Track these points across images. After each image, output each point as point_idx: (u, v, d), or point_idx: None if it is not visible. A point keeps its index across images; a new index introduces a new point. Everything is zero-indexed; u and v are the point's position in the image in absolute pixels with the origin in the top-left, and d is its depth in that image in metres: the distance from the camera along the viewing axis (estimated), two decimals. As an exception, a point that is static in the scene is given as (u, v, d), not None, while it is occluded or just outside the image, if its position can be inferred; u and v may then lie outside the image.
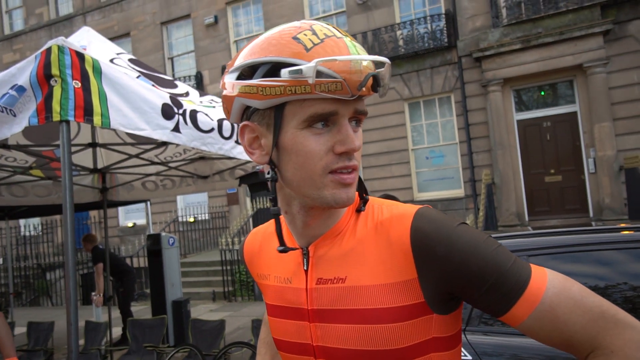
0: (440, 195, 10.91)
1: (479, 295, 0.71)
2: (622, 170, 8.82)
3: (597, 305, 0.69)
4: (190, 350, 4.51)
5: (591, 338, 0.68)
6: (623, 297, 2.37)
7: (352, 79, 0.70)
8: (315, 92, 0.69)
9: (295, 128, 0.74)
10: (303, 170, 0.75)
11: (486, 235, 0.74)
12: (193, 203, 13.70)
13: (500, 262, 0.71)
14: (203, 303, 9.43)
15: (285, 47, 0.72)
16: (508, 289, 0.70)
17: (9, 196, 5.17)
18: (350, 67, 0.70)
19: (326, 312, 0.80)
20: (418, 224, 0.74)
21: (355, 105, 0.74)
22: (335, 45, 0.71)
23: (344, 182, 0.75)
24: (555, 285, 0.70)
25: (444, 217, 0.75)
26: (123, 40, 14.54)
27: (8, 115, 2.34)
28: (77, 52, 2.30)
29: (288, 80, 0.70)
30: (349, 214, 0.84)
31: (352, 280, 0.78)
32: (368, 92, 0.73)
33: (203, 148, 2.83)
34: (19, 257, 13.29)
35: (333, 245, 0.82)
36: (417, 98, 11.13)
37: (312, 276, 0.82)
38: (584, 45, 9.06)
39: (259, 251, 0.96)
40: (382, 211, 0.81)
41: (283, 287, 0.87)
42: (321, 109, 0.72)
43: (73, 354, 2.02)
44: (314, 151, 0.74)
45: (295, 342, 0.85)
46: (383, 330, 0.74)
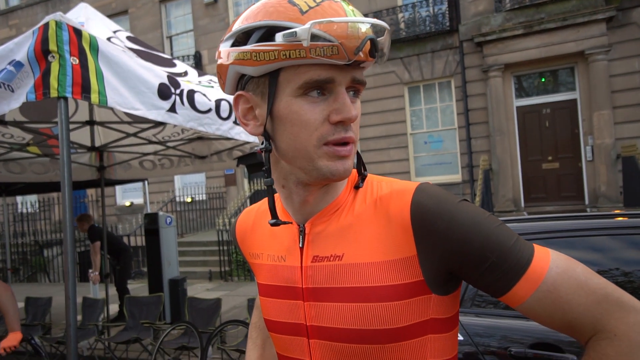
0: (438, 180, 10.93)
1: (479, 274, 0.69)
2: (619, 158, 8.84)
3: (601, 287, 0.66)
4: (187, 327, 4.57)
5: (594, 320, 0.65)
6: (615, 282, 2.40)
7: (348, 43, 0.66)
8: (310, 56, 0.67)
9: (290, 96, 0.72)
10: (297, 141, 0.72)
11: (488, 213, 0.72)
12: (190, 183, 13.70)
13: (503, 239, 0.69)
14: (200, 282, 9.51)
15: (280, 10, 0.69)
16: (510, 268, 0.68)
17: (6, 173, 5.17)
18: (347, 30, 0.66)
19: (321, 291, 0.77)
20: (419, 198, 0.72)
21: (353, 73, 0.72)
22: (332, 8, 0.69)
23: (339, 154, 0.72)
24: (559, 265, 0.68)
25: (445, 193, 0.73)
26: (121, 17, 14.34)
27: (6, 90, 2.32)
28: (74, 29, 2.28)
29: (282, 44, 0.67)
30: (347, 190, 0.81)
31: (350, 258, 0.75)
32: (366, 58, 0.69)
33: (200, 129, 2.83)
34: (16, 233, 13.32)
35: (330, 222, 0.79)
36: (417, 82, 11.07)
37: (308, 253, 0.80)
38: (586, 32, 8.98)
39: (252, 230, 0.93)
40: (381, 187, 0.79)
41: (276, 265, 0.84)
42: (317, 75, 0.69)
43: (71, 327, 2.05)
44: (309, 120, 0.71)
45: (288, 322, 0.82)
46: (380, 309, 0.72)
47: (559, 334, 2.29)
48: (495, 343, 2.37)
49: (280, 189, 0.83)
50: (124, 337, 4.86)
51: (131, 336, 4.77)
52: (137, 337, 4.71)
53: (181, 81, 2.78)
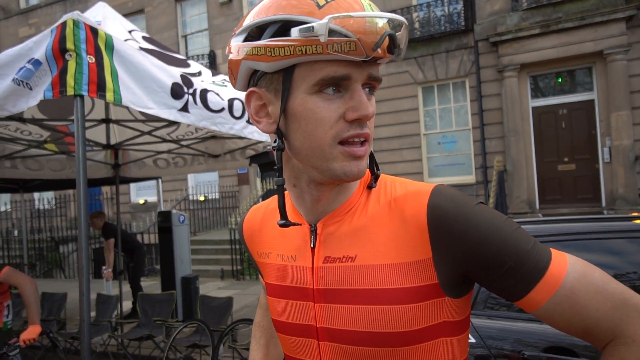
0: (451, 181, 10.84)
1: (496, 277, 0.68)
2: (637, 160, 8.69)
3: (619, 292, 0.66)
4: (198, 325, 4.60)
5: (613, 326, 0.65)
6: (632, 286, 2.35)
7: (367, 39, 0.65)
8: (327, 52, 0.65)
9: (305, 93, 0.70)
10: (312, 139, 0.71)
11: (505, 216, 0.71)
12: (204, 182, 13.80)
13: (521, 243, 0.68)
14: (212, 281, 9.57)
15: (295, 4, 0.67)
16: (527, 272, 0.67)
17: (24, 169, 5.26)
18: (365, 25, 0.65)
19: (333, 292, 0.76)
20: (436, 200, 0.71)
21: (369, 70, 0.70)
22: (349, 2, 0.66)
23: (354, 155, 0.71)
24: (577, 269, 0.67)
25: (462, 195, 0.72)
26: (137, 16, 14.50)
27: (24, 88, 2.36)
28: (91, 27, 2.31)
29: (298, 39, 0.65)
30: (360, 190, 0.80)
31: (363, 259, 0.74)
32: (384, 54, 0.67)
33: (213, 128, 2.84)
34: (33, 229, 13.56)
35: (343, 223, 0.78)
36: (431, 82, 10.99)
37: (320, 254, 0.78)
38: (605, 31, 8.83)
39: (260, 228, 0.92)
40: (395, 188, 0.77)
41: (286, 265, 0.83)
42: (333, 71, 0.67)
43: (85, 323, 2.07)
44: (325, 118, 0.69)
45: (297, 323, 0.80)
46: (393, 312, 0.71)
47: (573, 338, 2.25)
48: (508, 346, 2.34)
49: (291, 188, 0.81)
50: (136, 333, 4.91)
51: (144, 333, 4.81)
52: (149, 334, 4.76)
53: (194, 81, 2.80)
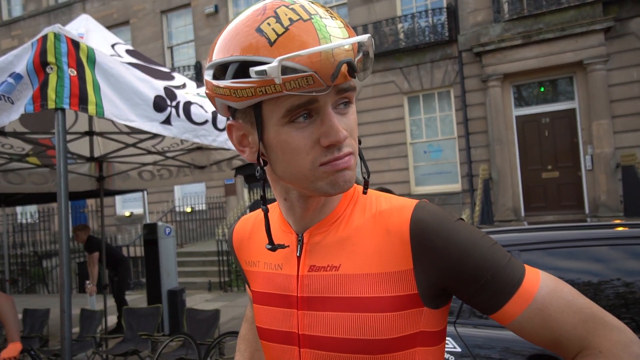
0: (438, 189, 10.92)
1: (473, 291, 0.72)
2: (619, 167, 8.84)
3: (587, 307, 0.70)
4: (185, 339, 4.53)
5: (581, 338, 0.68)
6: (615, 292, 2.38)
7: (323, 70, 0.64)
8: (285, 90, 0.64)
9: (277, 125, 0.71)
10: (292, 167, 0.72)
11: (483, 233, 0.75)
12: (190, 193, 13.70)
13: (497, 259, 0.71)
14: (199, 293, 9.47)
15: (248, 42, 0.67)
16: (502, 286, 0.70)
17: (5, 183, 5.16)
18: (320, 57, 0.63)
19: (316, 300, 0.78)
20: (419, 215, 0.74)
21: (345, 84, 0.69)
22: (301, 32, 0.65)
23: (337, 168, 0.71)
24: (548, 285, 0.71)
25: (443, 212, 0.76)
26: (122, 28, 14.45)
27: (6, 102, 2.33)
28: (72, 40, 2.29)
29: (256, 80, 0.65)
30: (345, 202, 0.82)
31: (346, 269, 0.76)
32: (345, 79, 0.66)
33: (196, 140, 2.83)
34: (15, 244, 13.29)
35: (329, 233, 0.80)
36: (417, 92, 11.11)
37: (305, 263, 0.81)
38: (584, 42, 9.03)
39: (249, 237, 0.94)
40: (380, 202, 0.80)
41: (272, 273, 0.85)
42: (297, 100, 0.67)
43: (66, 341, 2.03)
44: (299, 147, 0.70)
45: (280, 330, 0.83)
46: (373, 319, 0.73)
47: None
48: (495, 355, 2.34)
49: (282, 201, 0.83)
50: (122, 349, 4.81)
51: (129, 348, 4.72)
52: (135, 349, 4.67)
53: (178, 93, 2.79)
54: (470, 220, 9.01)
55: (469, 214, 9.34)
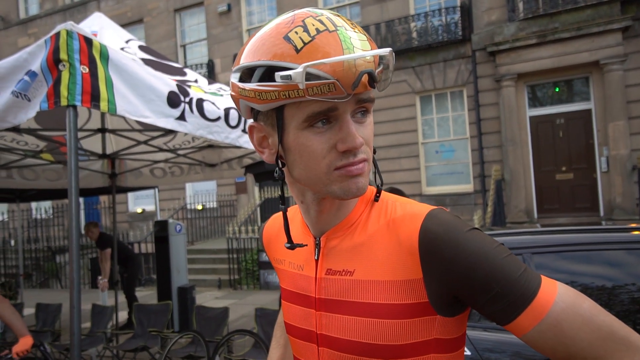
0: (449, 190, 10.84)
1: (483, 302, 0.71)
2: (635, 169, 8.69)
3: (607, 325, 0.67)
4: (194, 336, 4.55)
5: (598, 357, 0.66)
6: (630, 298, 2.34)
7: (345, 79, 0.67)
8: (308, 96, 0.68)
9: (297, 129, 0.74)
10: (308, 170, 0.76)
11: (497, 243, 0.73)
12: (202, 191, 13.77)
13: (509, 270, 0.70)
14: (209, 290, 9.51)
15: (276, 48, 0.70)
16: (515, 299, 0.69)
17: (20, 179, 5.24)
18: (343, 66, 0.67)
19: (332, 302, 0.81)
20: (428, 224, 0.74)
21: (357, 97, 0.72)
22: (326, 42, 0.68)
23: (351, 174, 0.74)
24: (565, 300, 0.69)
25: (455, 221, 0.74)
26: (136, 26, 14.57)
27: (23, 100, 2.36)
28: (85, 38, 2.30)
29: (281, 84, 0.69)
30: (361, 206, 0.84)
31: (360, 274, 0.79)
32: (365, 89, 0.70)
33: (209, 137, 2.83)
34: (29, 239, 13.49)
35: (345, 238, 0.83)
36: (429, 91, 11.03)
37: (322, 266, 0.84)
38: (601, 42, 8.88)
39: (277, 236, 0.98)
40: (395, 209, 0.81)
41: (295, 273, 0.90)
42: (318, 107, 0.71)
43: (75, 336, 2.04)
44: (317, 151, 0.73)
45: (302, 328, 0.87)
46: (384, 325, 0.75)
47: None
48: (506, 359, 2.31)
49: (299, 204, 0.87)
50: (132, 345, 4.85)
51: (139, 344, 4.76)
52: (144, 345, 4.71)
53: (191, 90, 2.80)
54: (482, 221, 8.92)
55: (481, 215, 9.25)
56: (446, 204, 10.60)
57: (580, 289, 2.42)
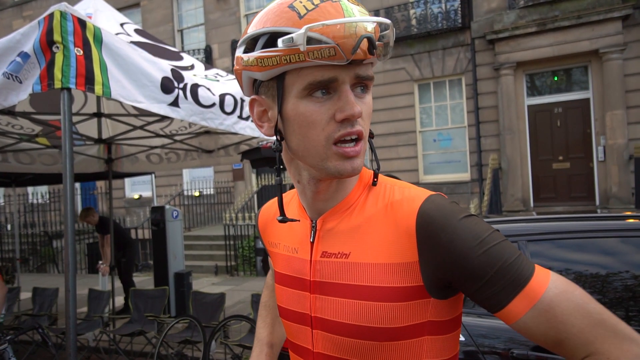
0: (446, 178, 10.85)
1: (477, 288, 0.71)
2: (632, 159, 8.71)
3: (597, 312, 0.68)
4: (190, 321, 4.58)
5: (588, 342, 0.67)
6: (624, 285, 2.35)
7: (345, 43, 0.68)
8: (308, 60, 0.68)
9: (296, 97, 0.74)
10: (307, 141, 0.75)
11: (492, 229, 0.73)
12: (199, 177, 13.75)
13: (502, 256, 0.70)
14: (205, 276, 9.55)
15: (280, 16, 0.71)
16: (507, 284, 0.69)
17: (16, 163, 5.21)
18: (343, 31, 0.68)
19: (327, 285, 0.81)
20: (426, 208, 0.74)
21: (356, 70, 0.73)
22: (329, 9, 0.69)
23: (347, 155, 0.74)
24: (558, 286, 0.69)
25: (453, 206, 0.75)
26: (133, 10, 14.39)
27: (14, 82, 2.33)
28: (79, 19, 2.27)
29: (283, 49, 0.69)
30: (359, 189, 0.84)
31: (356, 257, 0.78)
32: (365, 56, 0.70)
33: (203, 123, 2.81)
34: (26, 224, 13.47)
35: (341, 220, 0.82)
36: (428, 79, 10.98)
37: (318, 249, 0.84)
38: (601, 30, 8.83)
39: (273, 220, 0.98)
40: (394, 192, 0.81)
41: (290, 256, 0.89)
42: (319, 75, 0.71)
43: (70, 320, 2.05)
44: (316, 120, 0.73)
45: (296, 311, 0.87)
46: (379, 308, 0.74)
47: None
48: (499, 344, 2.33)
49: (296, 184, 0.87)
50: (128, 329, 4.88)
51: (136, 329, 4.79)
52: (141, 330, 4.73)
53: (185, 75, 2.77)
54: (479, 209, 8.95)
55: (477, 204, 9.28)
56: (443, 192, 10.53)
57: (575, 276, 2.43)
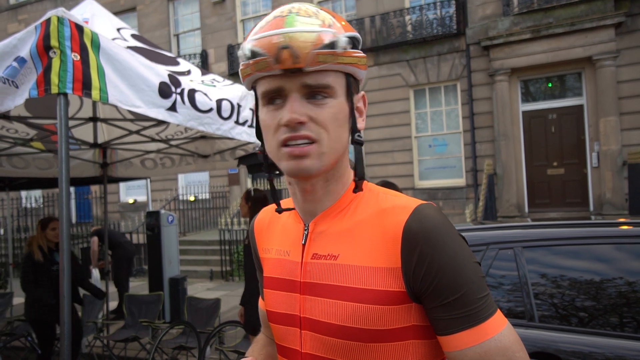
0: (441, 183, 10.89)
1: (435, 305, 0.74)
2: (625, 165, 8.77)
3: None
4: (185, 327, 4.56)
5: None
6: (618, 292, 2.37)
7: (272, 55, 0.74)
8: (253, 72, 0.77)
9: (261, 105, 0.82)
10: (268, 143, 0.82)
11: (475, 259, 0.76)
12: (194, 182, 13.71)
13: (472, 286, 0.73)
14: (200, 281, 9.51)
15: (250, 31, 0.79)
16: (465, 314, 0.71)
17: (10, 167, 5.17)
18: (269, 43, 0.73)
19: (316, 286, 0.82)
20: (415, 218, 0.76)
21: (303, 79, 0.76)
22: (271, 23, 0.75)
23: (292, 154, 0.77)
24: (502, 340, 0.72)
25: (442, 220, 0.76)
26: (129, 14, 14.38)
27: (10, 86, 2.32)
28: (76, 25, 2.27)
29: (243, 63, 0.79)
30: (350, 195, 0.86)
31: (344, 259, 0.80)
32: (292, 65, 0.73)
33: (200, 128, 2.82)
34: (19, 228, 13.37)
35: (333, 224, 0.84)
36: (423, 85, 11.03)
37: (309, 251, 0.86)
38: (594, 37, 8.92)
39: (268, 226, 1.00)
40: (386, 200, 0.83)
41: (282, 259, 0.91)
42: (268, 85, 0.78)
43: (65, 326, 2.03)
44: (270, 125, 0.80)
45: (285, 313, 0.88)
46: (365, 310, 0.76)
47: (559, 345, 2.25)
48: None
49: (288, 185, 0.90)
50: (122, 335, 4.85)
51: (130, 334, 4.76)
52: (135, 336, 4.70)
53: (183, 80, 2.77)
54: (474, 215, 8.98)
55: (473, 209, 9.31)
56: (438, 197, 10.64)
57: (569, 283, 2.45)
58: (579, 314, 2.38)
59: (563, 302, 2.43)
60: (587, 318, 2.36)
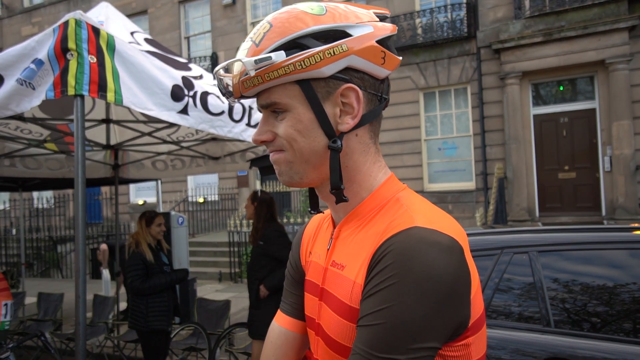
0: (451, 187, 10.83)
1: (360, 317, 0.68)
2: (638, 169, 8.67)
3: None
4: (195, 328, 4.57)
5: None
6: (632, 297, 2.34)
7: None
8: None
9: None
10: None
11: (437, 308, 0.64)
12: (203, 184, 13.78)
13: (408, 334, 0.63)
14: (209, 283, 9.54)
15: None
16: (371, 351, 0.64)
17: (23, 168, 5.23)
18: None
19: (327, 294, 0.82)
20: (394, 239, 0.68)
21: (259, 100, 0.81)
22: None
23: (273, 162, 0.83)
24: None
25: (422, 252, 0.65)
26: (140, 17, 14.52)
27: (28, 88, 2.35)
28: (93, 27, 2.29)
29: None
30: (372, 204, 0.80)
31: (347, 271, 0.78)
32: (238, 94, 0.80)
33: (212, 131, 2.83)
34: (31, 228, 13.52)
35: (353, 232, 0.81)
36: (433, 88, 11.00)
37: (330, 257, 0.85)
38: (607, 41, 8.84)
39: (316, 232, 1.00)
40: (399, 214, 0.75)
41: (316, 262, 0.92)
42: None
43: (80, 326, 2.05)
44: None
45: (309, 316, 0.89)
46: (345, 326, 0.75)
47: (574, 349, 2.23)
48: (507, 356, 2.32)
49: None
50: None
51: (140, 335, 4.77)
52: (146, 336, 4.72)
53: (196, 83, 2.79)
54: (484, 219, 8.92)
55: (483, 213, 9.25)
56: (448, 201, 10.59)
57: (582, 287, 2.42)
58: (595, 320, 2.35)
59: (578, 307, 2.41)
60: (601, 323, 2.33)
